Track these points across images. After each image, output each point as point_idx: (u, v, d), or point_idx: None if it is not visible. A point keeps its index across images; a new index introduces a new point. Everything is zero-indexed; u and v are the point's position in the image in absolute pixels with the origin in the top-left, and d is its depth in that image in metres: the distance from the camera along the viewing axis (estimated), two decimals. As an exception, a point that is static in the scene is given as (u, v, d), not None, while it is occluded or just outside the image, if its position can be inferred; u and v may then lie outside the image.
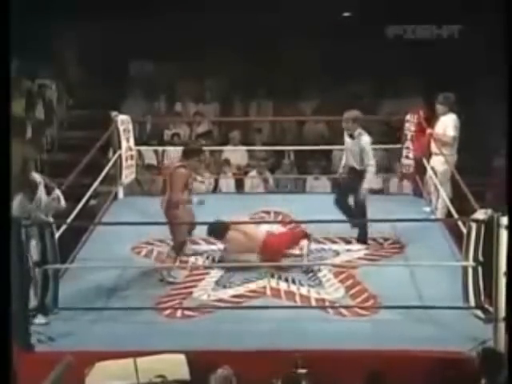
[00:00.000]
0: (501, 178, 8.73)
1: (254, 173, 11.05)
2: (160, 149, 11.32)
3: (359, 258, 7.62)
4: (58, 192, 6.60)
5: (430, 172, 8.67)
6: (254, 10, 12.04)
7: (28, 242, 5.99)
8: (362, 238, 7.86)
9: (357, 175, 7.71)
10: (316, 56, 12.81)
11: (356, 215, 7.80)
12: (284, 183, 11.26)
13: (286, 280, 7.06)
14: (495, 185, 9.47)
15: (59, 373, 5.03)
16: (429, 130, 8.61)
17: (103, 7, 12.06)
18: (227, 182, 10.97)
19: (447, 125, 8.32)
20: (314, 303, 6.69)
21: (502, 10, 6.18)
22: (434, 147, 8.50)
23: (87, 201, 8.26)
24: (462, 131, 8.51)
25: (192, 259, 7.62)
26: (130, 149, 9.28)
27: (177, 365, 5.58)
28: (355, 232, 7.89)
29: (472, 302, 6.11)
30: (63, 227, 6.87)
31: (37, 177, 6.58)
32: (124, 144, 9.14)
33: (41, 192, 6.47)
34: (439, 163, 8.42)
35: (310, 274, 7.19)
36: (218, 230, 7.48)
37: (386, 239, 7.94)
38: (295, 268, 7.31)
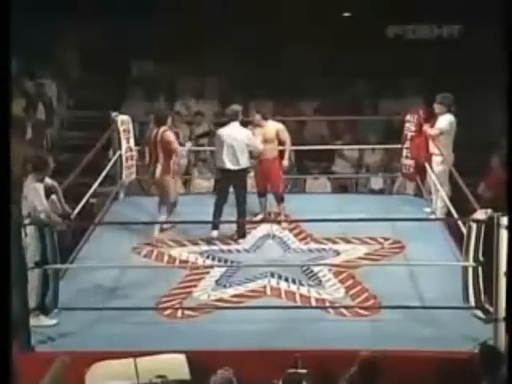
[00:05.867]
0: (499, 178, 8.79)
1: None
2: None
3: (359, 258, 7.62)
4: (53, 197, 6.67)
5: (429, 172, 8.68)
6: (254, 9, 12.04)
7: (28, 241, 5.99)
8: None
9: None
10: (316, 56, 12.81)
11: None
12: (284, 183, 11.22)
13: (286, 280, 7.07)
14: (493, 185, 9.47)
15: (54, 374, 5.03)
16: (424, 127, 8.63)
17: (103, 7, 12.07)
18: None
19: (441, 122, 8.35)
20: (314, 303, 6.69)
21: (502, 9, 6.18)
22: (432, 147, 8.52)
23: (87, 201, 8.26)
24: (461, 131, 8.52)
25: (192, 258, 7.64)
26: (131, 149, 9.27)
27: (177, 365, 5.58)
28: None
29: (472, 302, 6.11)
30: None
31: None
32: (124, 144, 9.14)
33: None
34: (436, 163, 8.44)
35: (310, 274, 7.21)
36: None
37: (386, 239, 7.94)
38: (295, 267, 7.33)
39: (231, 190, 8.06)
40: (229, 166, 7.90)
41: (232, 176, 7.94)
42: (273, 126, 8.37)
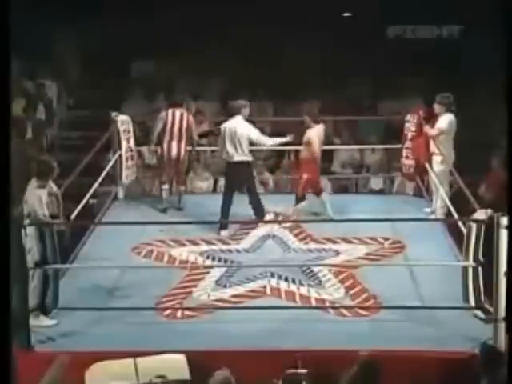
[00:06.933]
0: (499, 178, 8.78)
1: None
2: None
3: (359, 258, 7.62)
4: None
5: (429, 172, 8.68)
6: (254, 10, 12.04)
7: (28, 242, 5.99)
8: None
9: None
10: (316, 56, 12.81)
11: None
12: (284, 183, 11.24)
13: (286, 280, 7.06)
14: (493, 185, 9.48)
15: (54, 374, 5.03)
16: (424, 127, 8.64)
17: (103, 7, 12.07)
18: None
19: (441, 122, 8.36)
20: (313, 303, 6.69)
21: (502, 9, 6.19)
22: (432, 147, 8.52)
23: (87, 201, 8.26)
24: (461, 131, 8.52)
25: (192, 258, 7.64)
26: (131, 149, 9.28)
27: (177, 365, 5.58)
28: None
29: (472, 302, 6.12)
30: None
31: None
32: (124, 144, 9.14)
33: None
34: (436, 163, 8.44)
35: (310, 274, 7.20)
36: None
37: (386, 239, 7.94)
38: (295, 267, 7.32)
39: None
40: (232, 158, 8.02)
41: (237, 168, 8.06)
42: (309, 132, 8.48)
